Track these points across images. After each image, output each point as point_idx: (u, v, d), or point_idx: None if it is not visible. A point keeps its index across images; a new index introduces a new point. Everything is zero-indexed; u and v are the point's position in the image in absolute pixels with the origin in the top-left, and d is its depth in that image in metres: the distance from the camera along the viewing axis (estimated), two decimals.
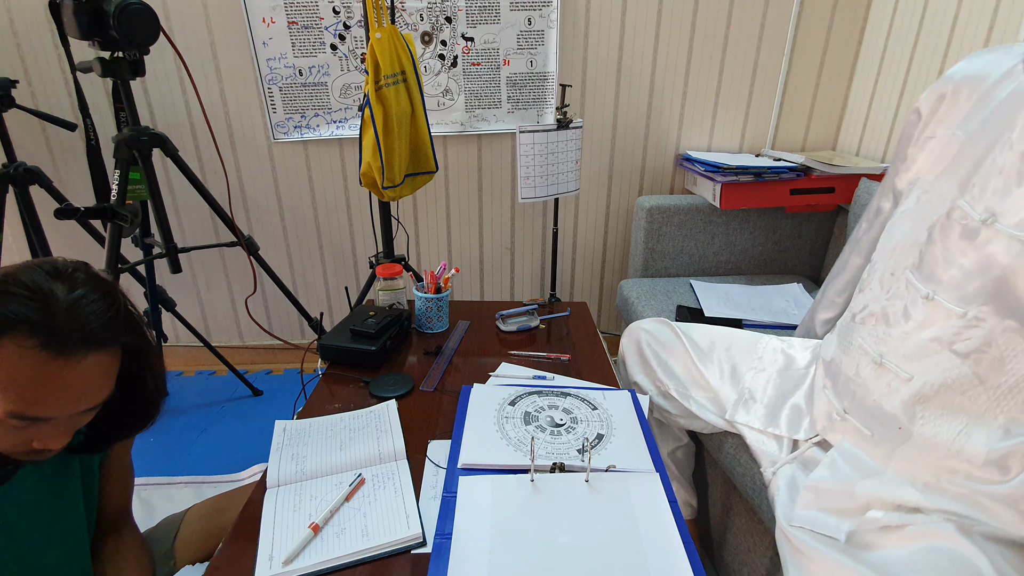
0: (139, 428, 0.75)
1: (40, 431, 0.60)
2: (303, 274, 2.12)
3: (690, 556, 0.70)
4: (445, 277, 1.33)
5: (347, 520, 0.78)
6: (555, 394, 1.02)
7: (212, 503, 0.96)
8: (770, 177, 1.71)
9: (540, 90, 1.89)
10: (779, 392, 1.03)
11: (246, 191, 1.98)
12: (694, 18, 1.83)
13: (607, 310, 2.25)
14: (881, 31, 1.78)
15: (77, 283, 0.60)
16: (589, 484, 0.81)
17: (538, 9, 1.78)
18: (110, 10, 1.25)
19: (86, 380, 0.60)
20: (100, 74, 1.35)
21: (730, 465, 1.10)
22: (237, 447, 1.75)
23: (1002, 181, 0.71)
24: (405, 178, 1.58)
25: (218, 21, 1.76)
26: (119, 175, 1.44)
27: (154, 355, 0.71)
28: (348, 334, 1.21)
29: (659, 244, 1.86)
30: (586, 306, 1.49)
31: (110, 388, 0.64)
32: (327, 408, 1.04)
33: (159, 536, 0.92)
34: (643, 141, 1.99)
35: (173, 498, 1.52)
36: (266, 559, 0.72)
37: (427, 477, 0.88)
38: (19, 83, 1.69)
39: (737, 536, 1.19)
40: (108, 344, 0.61)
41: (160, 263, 1.83)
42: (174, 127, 1.87)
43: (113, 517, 0.83)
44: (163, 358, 0.75)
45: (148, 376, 0.71)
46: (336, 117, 1.88)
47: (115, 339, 0.62)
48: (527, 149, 1.67)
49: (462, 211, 2.05)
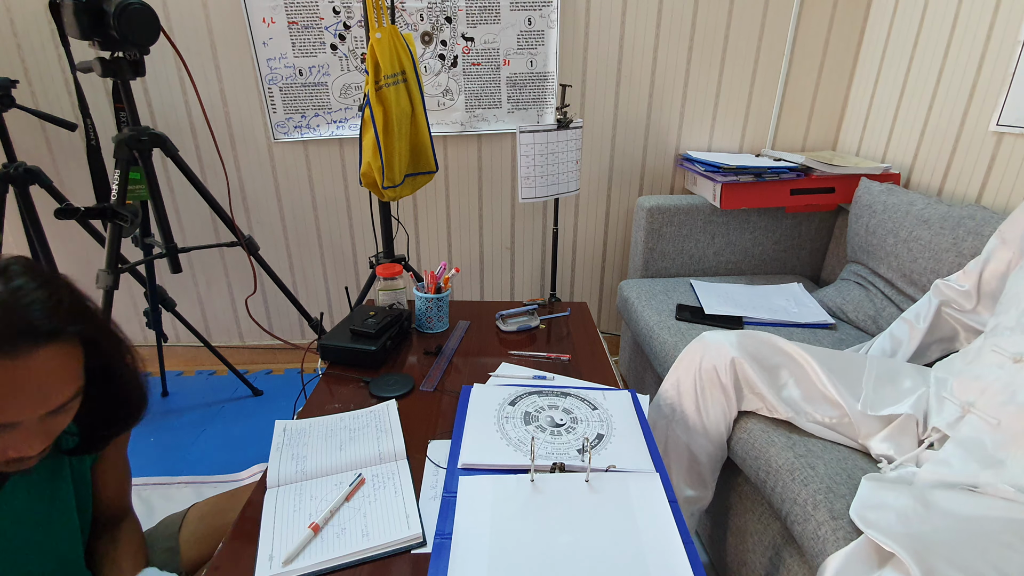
0: (129, 423, 0.73)
1: (12, 438, 0.56)
2: (303, 274, 2.12)
3: (690, 556, 0.70)
4: (445, 277, 1.33)
5: (347, 520, 0.78)
6: (555, 394, 1.02)
7: (214, 502, 0.96)
8: (770, 177, 1.71)
9: (540, 90, 1.89)
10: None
11: (246, 191, 1.98)
12: (694, 18, 1.83)
13: (607, 310, 2.25)
14: (881, 31, 1.78)
15: (12, 276, 0.56)
16: (589, 484, 0.81)
17: (538, 9, 1.78)
18: (110, 10, 1.25)
19: (42, 378, 0.56)
20: (100, 74, 1.35)
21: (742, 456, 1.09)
22: (237, 447, 1.75)
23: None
24: (405, 178, 1.58)
25: (218, 21, 1.76)
26: (119, 175, 1.44)
27: (119, 344, 0.67)
28: (348, 334, 1.21)
29: (659, 244, 1.86)
30: (586, 306, 1.49)
31: (76, 384, 0.60)
32: (327, 408, 1.04)
33: (160, 534, 0.92)
34: (643, 141, 1.99)
35: (173, 498, 1.52)
36: (266, 559, 0.72)
37: (427, 477, 0.88)
38: (19, 83, 1.69)
39: (737, 536, 1.19)
40: (56, 336, 0.56)
41: (160, 263, 1.84)
42: (174, 127, 1.87)
43: (111, 515, 0.83)
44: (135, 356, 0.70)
45: (119, 367, 0.67)
46: (336, 117, 1.88)
47: (62, 330, 0.57)
48: (527, 149, 1.67)
49: (462, 211, 2.05)
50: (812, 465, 0.96)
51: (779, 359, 1.08)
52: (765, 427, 1.06)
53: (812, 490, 0.92)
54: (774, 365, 1.08)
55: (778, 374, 1.07)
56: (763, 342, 1.10)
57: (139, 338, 2.17)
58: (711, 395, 1.10)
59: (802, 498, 0.92)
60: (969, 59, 1.47)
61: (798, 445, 1.01)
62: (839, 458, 0.98)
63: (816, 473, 0.94)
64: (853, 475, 0.94)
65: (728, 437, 1.13)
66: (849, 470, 0.96)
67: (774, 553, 1.05)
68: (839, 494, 0.90)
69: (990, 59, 1.41)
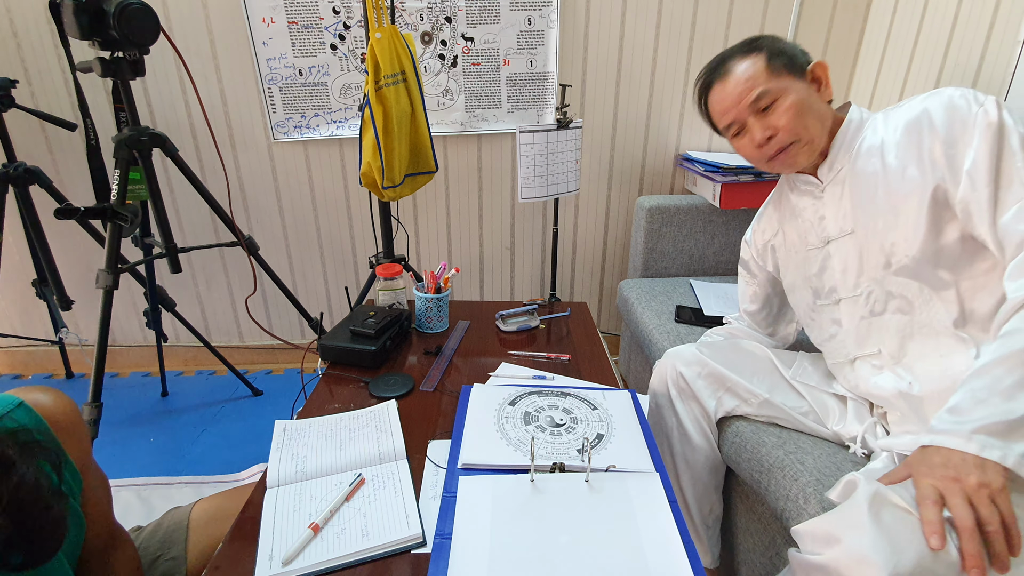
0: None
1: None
2: (303, 274, 2.12)
3: (690, 556, 0.70)
4: (445, 277, 1.33)
5: (347, 520, 0.78)
6: (555, 394, 1.02)
7: (219, 504, 0.95)
8: (770, 177, 1.71)
9: (540, 90, 1.89)
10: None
11: (246, 191, 1.98)
12: (694, 18, 1.83)
13: (607, 310, 2.25)
14: (881, 31, 1.78)
15: None
16: (589, 484, 0.81)
17: (538, 9, 1.78)
18: (110, 10, 1.25)
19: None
20: (100, 74, 1.35)
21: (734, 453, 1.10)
22: (237, 447, 1.75)
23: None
24: (405, 178, 1.58)
25: (218, 21, 1.76)
26: (119, 175, 1.43)
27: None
28: (348, 334, 1.21)
29: (659, 244, 1.86)
30: (586, 306, 1.49)
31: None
32: (327, 408, 1.04)
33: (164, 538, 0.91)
34: (643, 141, 1.99)
35: (173, 498, 1.52)
36: (266, 559, 0.72)
37: (427, 477, 0.88)
38: (19, 83, 1.69)
39: (737, 536, 1.19)
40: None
41: (160, 263, 1.84)
42: (174, 127, 1.87)
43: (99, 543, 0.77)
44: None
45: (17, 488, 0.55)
46: (336, 117, 1.88)
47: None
48: (527, 149, 1.67)
49: (462, 211, 2.05)
50: (802, 461, 0.97)
51: (740, 356, 1.13)
52: (755, 428, 1.07)
53: (802, 484, 0.93)
54: (735, 362, 1.12)
55: (743, 369, 1.11)
56: (721, 345, 1.17)
57: (139, 338, 2.17)
58: (687, 405, 1.13)
59: (793, 493, 0.93)
60: (969, 59, 1.47)
61: (788, 443, 1.02)
62: (828, 453, 1.00)
63: (806, 468, 0.96)
64: (842, 468, 0.96)
65: (718, 443, 1.14)
66: (839, 463, 0.97)
67: (774, 553, 1.05)
68: (828, 486, 0.91)
69: (990, 59, 1.41)
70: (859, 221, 0.94)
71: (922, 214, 0.85)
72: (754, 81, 0.93)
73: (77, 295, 1.89)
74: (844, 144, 0.96)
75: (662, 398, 1.16)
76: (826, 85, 0.96)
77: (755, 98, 0.93)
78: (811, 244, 1.03)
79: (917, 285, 0.89)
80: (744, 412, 1.10)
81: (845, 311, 1.00)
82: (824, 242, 1.00)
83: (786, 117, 0.92)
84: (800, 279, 1.08)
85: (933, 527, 0.64)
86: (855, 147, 0.95)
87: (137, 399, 2.00)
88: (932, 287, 0.87)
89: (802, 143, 0.94)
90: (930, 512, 0.66)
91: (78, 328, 2.12)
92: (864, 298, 0.96)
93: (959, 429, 0.71)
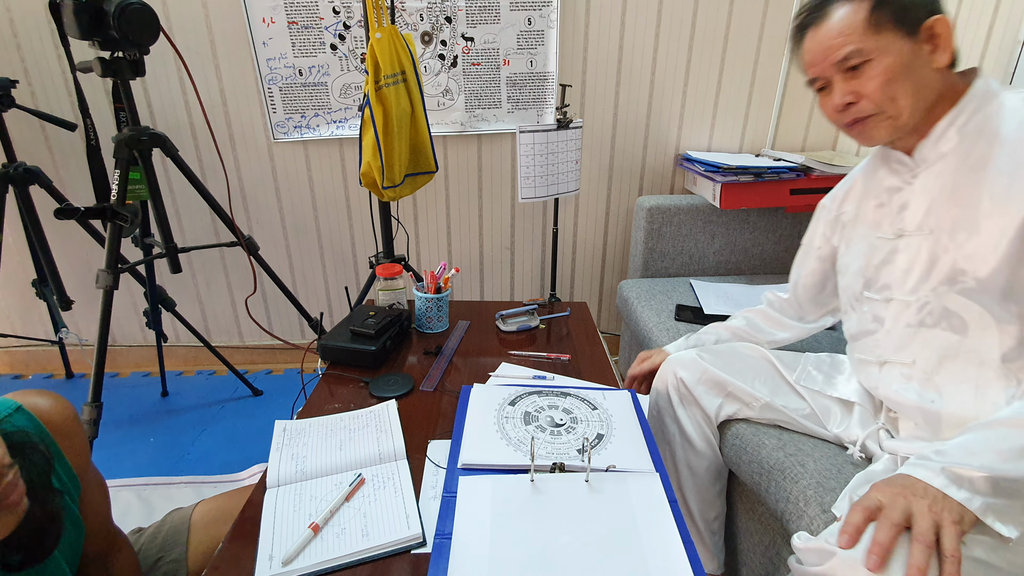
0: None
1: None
2: (303, 274, 2.12)
3: (690, 556, 0.70)
4: (445, 277, 1.33)
5: (347, 520, 0.78)
6: (555, 394, 1.02)
7: (220, 505, 0.95)
8: (770, 177, 1.71)
9: (540, 90, 1.89)
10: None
11: (246, 191, 1.98)
12: (694, 18, 1.83)
13: (607, 310, 2.25)
14: None
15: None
16: (589, 484, 0.81)
17: (538, 9, 1.78)
18: (110, 10, 1.25)
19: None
20: (100, 74, 1.35)
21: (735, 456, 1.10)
22: (237, 447, 1.75)
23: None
24: (405, 178, 1.58)
25: (218, 21, 1.76)
26: (119, 175, 1.43)
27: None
28: (348, 334, 1.21)
29: (659, 244, 1.86)
30: (586, 306, 1.49)
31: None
32: (327, 408, 1.04)
33: (165, 540, 0.91)
34: (643, 141, 1.99)
35: (173, 498, 1.52)
36: (266, 559, 0.72)
37: (427, 477, 0.88)
38: (19, 83, 1.69)
39: (737, 537, 1.19)
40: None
41: (160, 263, 1.84)
42: (174, 127, 1.87)
43: (98, 548, 0.79)
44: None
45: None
46: (336, 117, 1.88)
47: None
48: (527, 149, 1.67)
49: (462, 211, 2.05)
50: (802, 463, 0.97)
51: (739, 360, 1.11)
52: (755, 430, 1.07)
53: (803, 486, 0.93)
54: (735, 366, 1.10)
55: (744, 373, 1.09)
56: (721, 350, 1.14)
57: (139, 338, 2.17)
58: (688, 410, 1.12)
59: (794, 495, 0.93)
60: (969, 59, 1.47)
61: (788, 445, 1.02)
62: (829, 455, 0.99)
63: (806, 470, 0.95)
64: (843, 470, 0.95)
65: (719, 446, 1.14)
66: (839, 465, 0.97)
67: (775, 553, 1.05)
68: (829, 488, 0.91)
69: (989, 59, 1.42)
70: (943, 223, 0.82)
71: (1005, 237, 0.74)
72: (847, 36, 0.79)
73: (77, 295, 1.89)
74: (957, 124, 0.80)
75: (663, 404, 1.15)
76: (943, 48, 0.78)
77: (844, 56, 0.79)
78: (883, 231, 0.92)
79: (979, 310, 0.80)
80: (746, 416, 1.09)
81: (892, 312, 0.91)
82: (896, 234, 0.89)
83: (874, 84, 0.78)
84: (857, 264, 0.97)
85: (849, 528, 0.64)
86: (970, 129, 0.79)
87: (137, 399, 2.00)
88: (995, 317, 0.79)
89: (884, 116, 0.80)
90: (855, 516, 0.65)
91: (78, 328, 2.12)
92: (917, 307, 0.86)
93: (933, 464, 0.69)
